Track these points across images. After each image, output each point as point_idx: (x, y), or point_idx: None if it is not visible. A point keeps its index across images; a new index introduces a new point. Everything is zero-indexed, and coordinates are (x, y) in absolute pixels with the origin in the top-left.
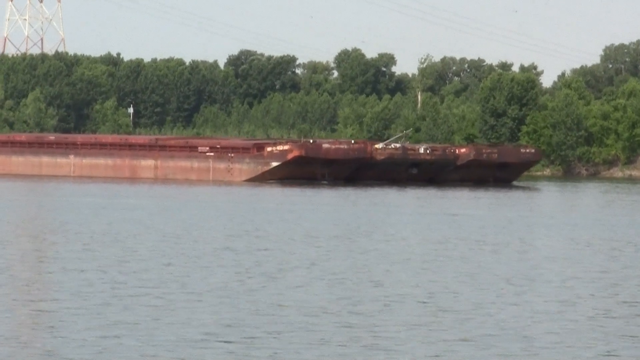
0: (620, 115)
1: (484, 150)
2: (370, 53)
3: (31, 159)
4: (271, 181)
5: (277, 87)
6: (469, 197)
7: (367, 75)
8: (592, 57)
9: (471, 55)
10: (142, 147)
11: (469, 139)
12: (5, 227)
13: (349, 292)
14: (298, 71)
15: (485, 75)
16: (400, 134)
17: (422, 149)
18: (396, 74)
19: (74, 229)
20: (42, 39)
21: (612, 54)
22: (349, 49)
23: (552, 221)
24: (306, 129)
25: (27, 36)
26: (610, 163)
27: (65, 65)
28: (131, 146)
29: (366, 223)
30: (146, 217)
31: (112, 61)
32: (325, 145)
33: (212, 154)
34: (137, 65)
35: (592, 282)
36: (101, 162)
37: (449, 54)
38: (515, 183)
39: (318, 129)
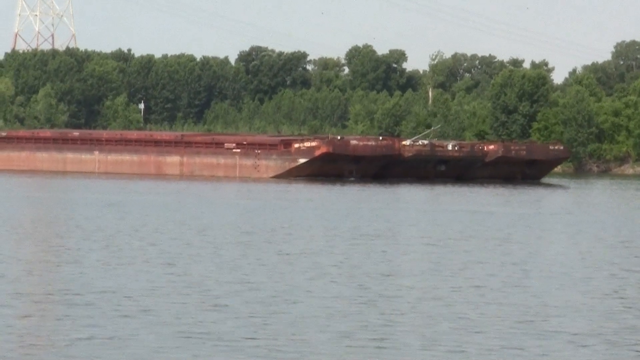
0: (632, 112)
1: (512, 147)
2: (381, 49)
3: (55, 156)
4: (298, 178)
5: (288, 83)
6: (514, 195)
7: (378, 72)
8: (603, 54)
9: (482, 51)
10: (167, 143)
11: (480, 136)
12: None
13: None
14: (309, 67)
15: (496, 72)
16: (428, 131)
17: (450, 146)
18: (407, 71)
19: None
20: (52, 35)
21: (624, 50)
22: (360, 45)
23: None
24: (317, 126)
25: (38, 32)
26: (622, 160)
27: (76, 61)
28: (157, 142)
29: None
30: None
31: (122, 57)
32: (353, 142)
33: (238, 150)
34: (148, 61)
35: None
36: (126, 159)
37: (460, 51)
38: (543, 180)
39: (329, 125)
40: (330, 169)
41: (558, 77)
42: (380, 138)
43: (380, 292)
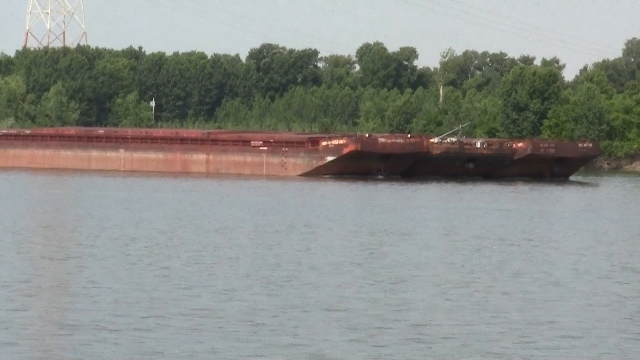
0: None
1: (541, 145)
2: (392, 47)
3: (80, 154)
4: (326, 176)
5: (299, 80)
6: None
7: (389, 69)
8: (614, 51)
9: (493, 49)
10: (193, 141)
11: (491, 133)
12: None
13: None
14: (320, 65)
15: (507, 69)
16: (457, 128)
17: (479, 143)
18: (418, 68)
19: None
20: (64, 33)
21: (635, 47)
22: (371, 42)
23: None
24: (327, 123)
25: (49, 30)
26: (632, 157)
27: (87, 58)
28: (182, 140)
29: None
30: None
31: (133, 55)
32: (382, 140)
33: (265, 148)
34: (159, 59)
35: None
36: (152, 157)
37: (470, 48)
38: (572, 178)
39: (340, 122)
40: (358, 166)
41: (569, 75)
42: (409, 135)
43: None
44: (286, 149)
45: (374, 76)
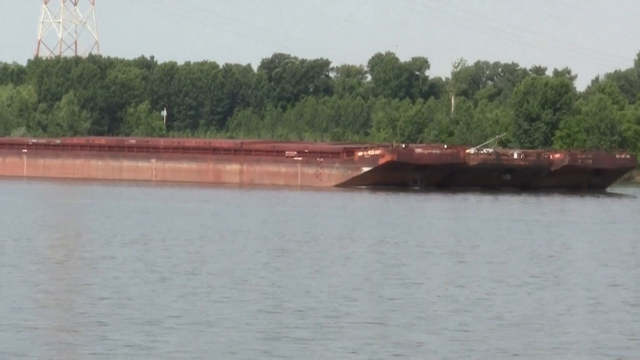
0: None
1: (578, 156)
2: (404, 57)
3: (111, 163)
4: (362, 187)
5: (311, 90)
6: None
7: (401, 79)
8: (626, 62)
9: (505, 59)
10: (226, 151)
11: (503, 144)
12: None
13: None
14: (331, 75)
15: (519, 80)
16: (493, 139)
17: (516, 154)
18: (430, 78)
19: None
20: (75, 42)
21: None
22: (383, 52)
23: None
24: (339, 133)
25: (61, 39)
26: None
27: (99, 68)
28: (215, 150)
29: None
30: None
31: (145, 64)
32: (418, 150)
33: (300, 158)
34: (171, 69)
35: None
36: (184, 167)
37: (482, 58)
38: (608, 190)
39: (351, 132)
40: (394, 177)
41: (581, 85)
42: (445, 146)
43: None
44: (321, 159)
45: (386, 86)
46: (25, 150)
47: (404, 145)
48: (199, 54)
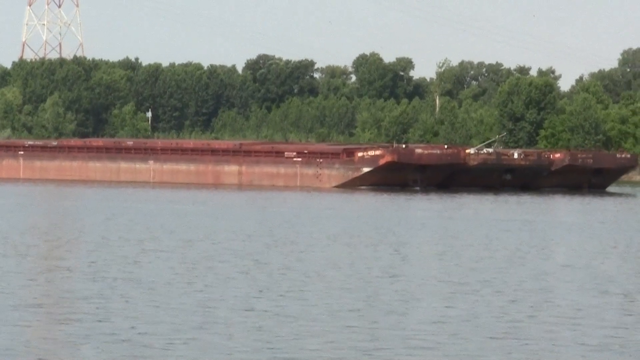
0: (639, 119)
1: (579, 156)
2: (388, 57)
3: (109, 165)
4: (362, 187)
5: (295, 91)
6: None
7: (385, 80)
8: (610, 61)
9: (489, 59)
10: (225, 152)
11: (488, 144)
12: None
13: None
14: (316, 75)
15: (503, 80)
16: (493, 139)
17: (516, 154)
18: (414, 78)
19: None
20: (60, 44)
21: (630, 58)
22: (367, 53)
23: None
24: (324, 134)
25: (46, 41)
26: None
27: (83, 69)
28: (214, 151)
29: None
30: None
31: (130, 66)
32: (418, 151)
33: (299, 159)
34: (156, 70)
35: None
36: (182, 168)
37: (467, 58)
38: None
39: (336, 133)
40: (395, 178)
41: (565, 85)
42: (446, 147)
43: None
44: (321, 160)
45: (370, 87)
46: (22, 153)
47: (404, 146)
48: (183, 55)
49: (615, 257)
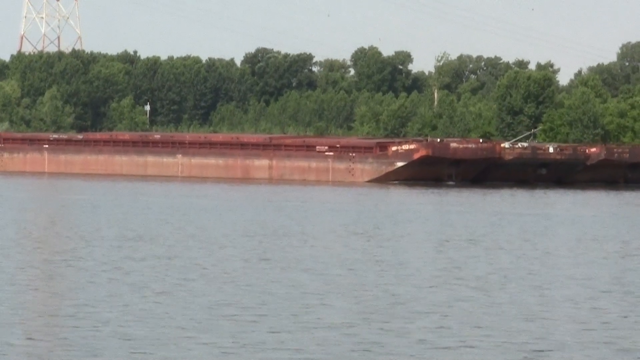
0: (637, 113)
1: (615, 150)
2: (387, 51)
3: (136, 159)
4: (395, 182)
5: (294, 84)
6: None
7: (384, 73)
8: (609, 55)
9: (488, 53)
10: (255, 146)
11: (486, 137)
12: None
13: None
14: (315, 69)
15: (501, 73)
16: (528, 132)
17: (552, 149)
18: (413, 72)
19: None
20: (59, 37)
21: (629, 52)
22: (366, 46)
23: None
24: (322, 127)
25: (44, 34)
26: None
27: (82, 63)
28: (243, 145)
29: None
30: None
31: (128, 59)
32: (453, 145)
33: (331, 153)
34: (154, 63)
35: None
36: (211, 162)
37: (465, 52)
38: None
39: (335, 126)
40: (429, 172)
41: (563, 79)
42: (481, 141)
43: None
44: (353, 154)
45: (369, 80)
46: (47, 146)
47: (439, 140)
48: (182, 49)
49: None
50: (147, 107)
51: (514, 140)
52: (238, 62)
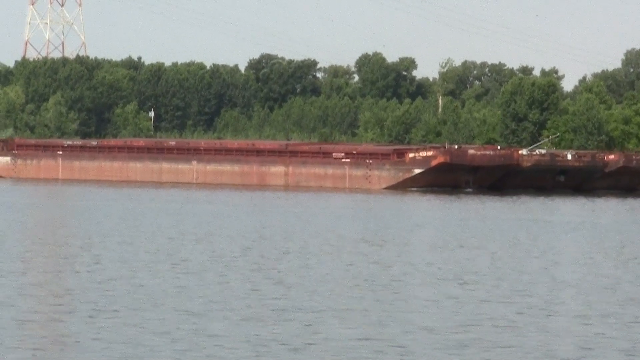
0: None
1: (633, 157)
2: (391, 57)
3: (150, 166)
4: (413, 189)
5: (298, 91)
6: None
7: (388, 79)
8: (613, 62)
9: (492, 59)
10: (271, 152)
11: (490, 144)
12: None
13: None
14: (319, 75)
15: (506, 80)
16: (546, 139)
17: (570, 155)
18: (417, 78)
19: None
20: (63, 43)
21: (634, 58)
22: (370, 53)
23: None
24: (327, 133)
25: (48, 40)
26: None
27: (86, 69)
28: (259, 152)
29: None
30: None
31: (133, 65)
32: (471, 152)
33: (348, 160)
34: (158, 69)
35: None
36: (227, 169)
37: (470, 58)
38: None
39: (339, 132)
40: (447, 179)
41: (568, 85)
42: (499, 147)
43: None
44: (370, 161)
45: (373, 86)
46: (61, 153)
47: (456, 147)
48: (186, 55)
49: None
50: (152, 113)
51: (532, 147)
52: (242, 68)
